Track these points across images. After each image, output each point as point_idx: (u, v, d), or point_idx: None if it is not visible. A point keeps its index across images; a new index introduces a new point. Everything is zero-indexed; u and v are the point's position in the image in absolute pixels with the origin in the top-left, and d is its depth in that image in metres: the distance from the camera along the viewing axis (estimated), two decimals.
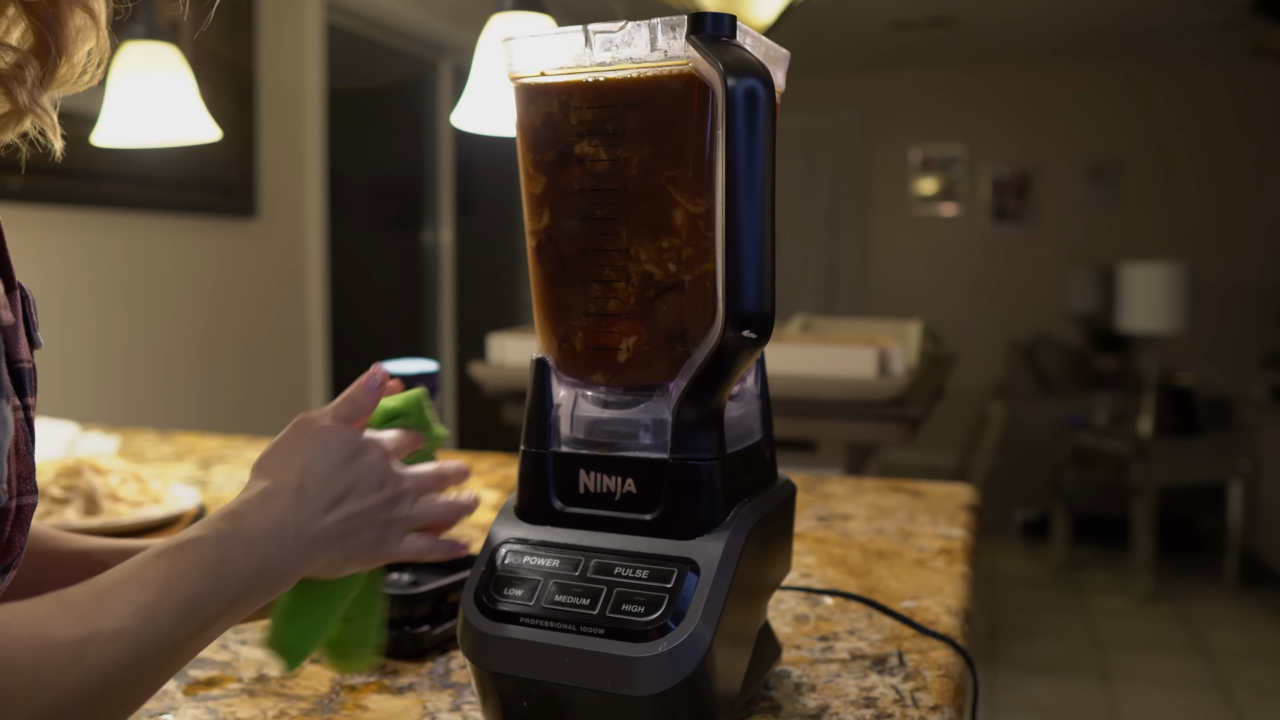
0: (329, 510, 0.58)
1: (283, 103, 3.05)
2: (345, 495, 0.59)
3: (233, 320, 2.91)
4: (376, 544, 0.60)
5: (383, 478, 0.61)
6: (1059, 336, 5.57)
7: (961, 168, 6.28)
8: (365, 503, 0.60)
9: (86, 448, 1.51)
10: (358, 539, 0.59)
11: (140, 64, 1.35)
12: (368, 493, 0.60)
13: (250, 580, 0.53)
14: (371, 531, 0.60)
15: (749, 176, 0.53)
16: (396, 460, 0.63)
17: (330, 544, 0.58)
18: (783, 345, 2.28)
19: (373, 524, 0.60)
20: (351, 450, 0.60)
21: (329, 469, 0.59)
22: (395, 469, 0.62)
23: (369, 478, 0.60)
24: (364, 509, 0.59)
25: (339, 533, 0.58)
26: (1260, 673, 3.17)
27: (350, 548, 0.59)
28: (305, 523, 0.56)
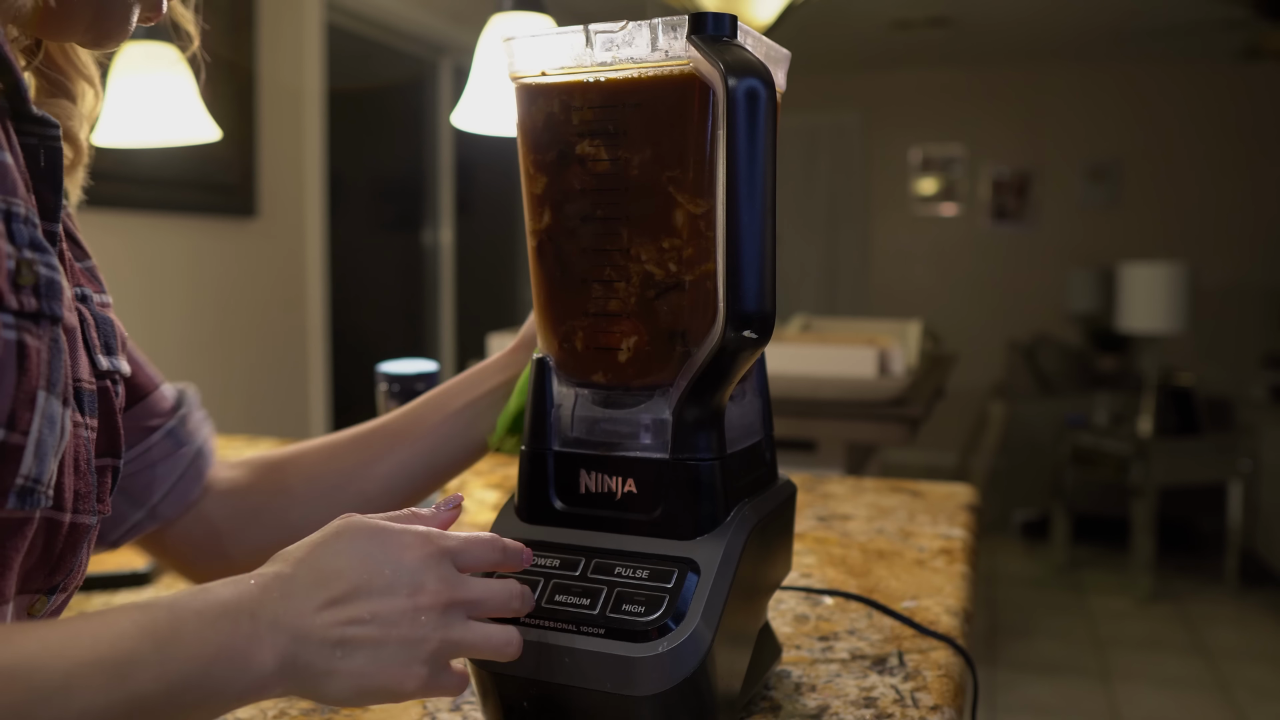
0: (325, 608, 0.48)
1: (283, 103, 3.05)
2: (352, 593, 0.48)
3: (232, 320, 2.91)
4: (369, 662, 0.48)
5: (419, 581, 0.50)
6: (1059, 336, 5.57)
7: (961, 168, 6.28)
8: (381, 606, 0.49)
9: None
10: (372, 653, 0.48)
11: (140, 64, 1.34)
12: (389, 595, 0.49)
13: (204, 664, 0.44)
14: (367, 642, 0.48)
15: (750, 176, 0.53)
16: (446, 567, 0.51)
17: (327, 651, 0.47)
18: (783, 345, 2.28)
19: (371, 633, 0.48)
20: (378, 543, 0.50)
21: (337, 559, 0.49)
22: (445, 572, 0.51)
23: (396, 578, 0.49)
24: (380, 614, 0.48)
25: (339, 638, 0.48)
26: (1260, 673, 3.17)
27: (361, 663, 0.48)
28: (286, 615, 0.47)
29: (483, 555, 0.54)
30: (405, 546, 0.50)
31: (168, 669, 0.43)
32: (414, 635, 0.49)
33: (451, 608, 0.51)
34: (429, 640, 0.50)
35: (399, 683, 0.49)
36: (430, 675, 0.50)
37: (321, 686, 0.48)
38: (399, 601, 0.49)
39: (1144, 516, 3.83)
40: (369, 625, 0.48)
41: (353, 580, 0.49)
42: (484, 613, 0.53)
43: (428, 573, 0.50)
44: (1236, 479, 3.89)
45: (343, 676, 0.48)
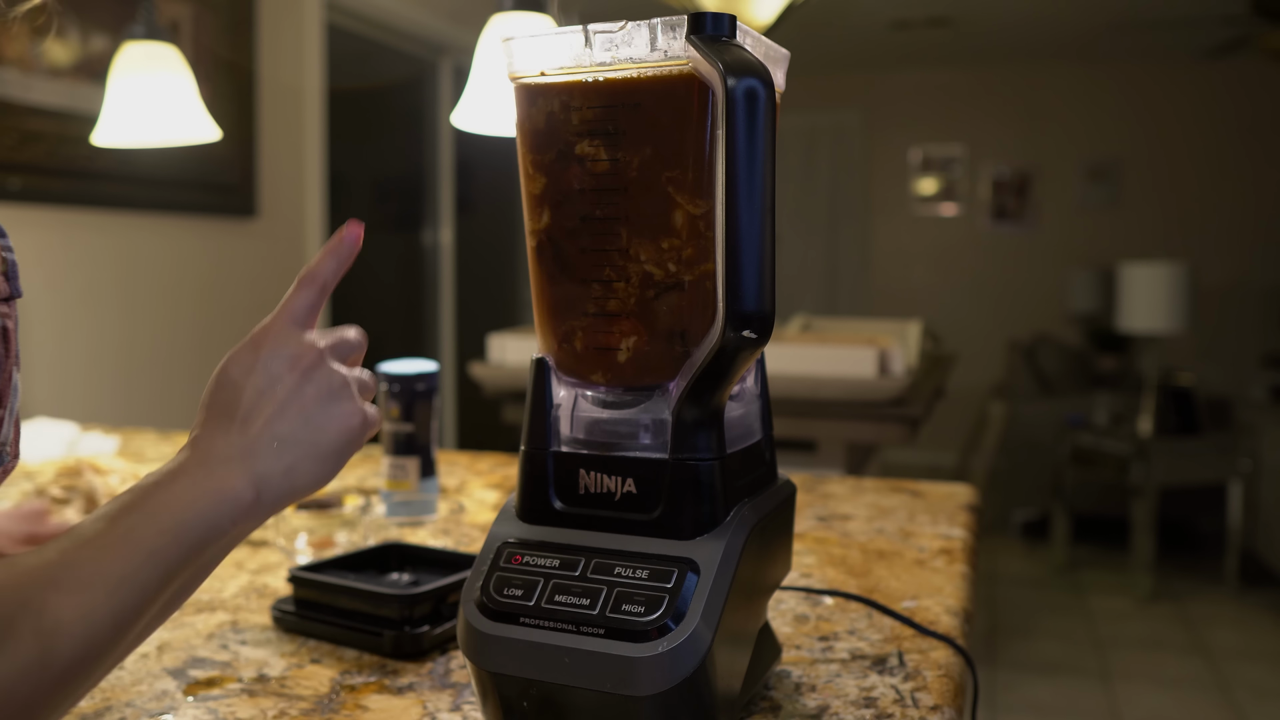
0: (245, 425, 0.52)
1: (283, 103, 3.05)
2: (254, 401, 0.53)
3: (233, 320, 2.91)
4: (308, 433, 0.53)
5: (288, 353, 0.54)
6: (1059, 336, 5.57)
7: (961, 168, 6.28)
8: (280, 391, 0.53)
9: (86, 448, 1.51)
10: (304, 423, 0.53)
11: (140, 64, 1.35)
12: (279, 381, 0.53)
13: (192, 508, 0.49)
14: (294, 423, 0.53)
15: (749, 177, 0.53)
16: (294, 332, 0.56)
17: (275, 450, 0.52)
18: (783, 345, 2.28)
19: (291, 415, 0.53)
20: (237, 360, 0.55)
21: (223, 391, 0.54)
22: (292, 346, 0.55)
23: (271, 367, 0.54)
24: (284, 397, 0.53)
25: (273, 435, 0.52)
26: (1260, 673, 3.17)
27: (309, 437, 0.53)
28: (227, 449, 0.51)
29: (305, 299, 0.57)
30: (254, 346, 0.55)
31: (164, 523, 0.47)
32: (323, 388, 0.54)
33: (326, 354, 0.55)
34: (335, 379, 0.55)
35: (346, 424, 0.54)
36: (363, 407, 0.55)
37: (294, 481, 0.52)
38: (289, 378, 0.53)
39: (1144, 516, 3.83)
40: (287, 411, 0.53)
41: (246, 393, 0.53)
42: (348, 351, 0.57)
43: (287, 344, 0.54)
44: (1236, 479, 3.89)
45: (303, 461, 0.52)
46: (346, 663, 0.76)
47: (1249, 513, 3.93)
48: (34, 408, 2.25)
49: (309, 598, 0.81)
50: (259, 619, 0.85)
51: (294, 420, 0.53)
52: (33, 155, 2.24)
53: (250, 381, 0.53)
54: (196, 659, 0.76)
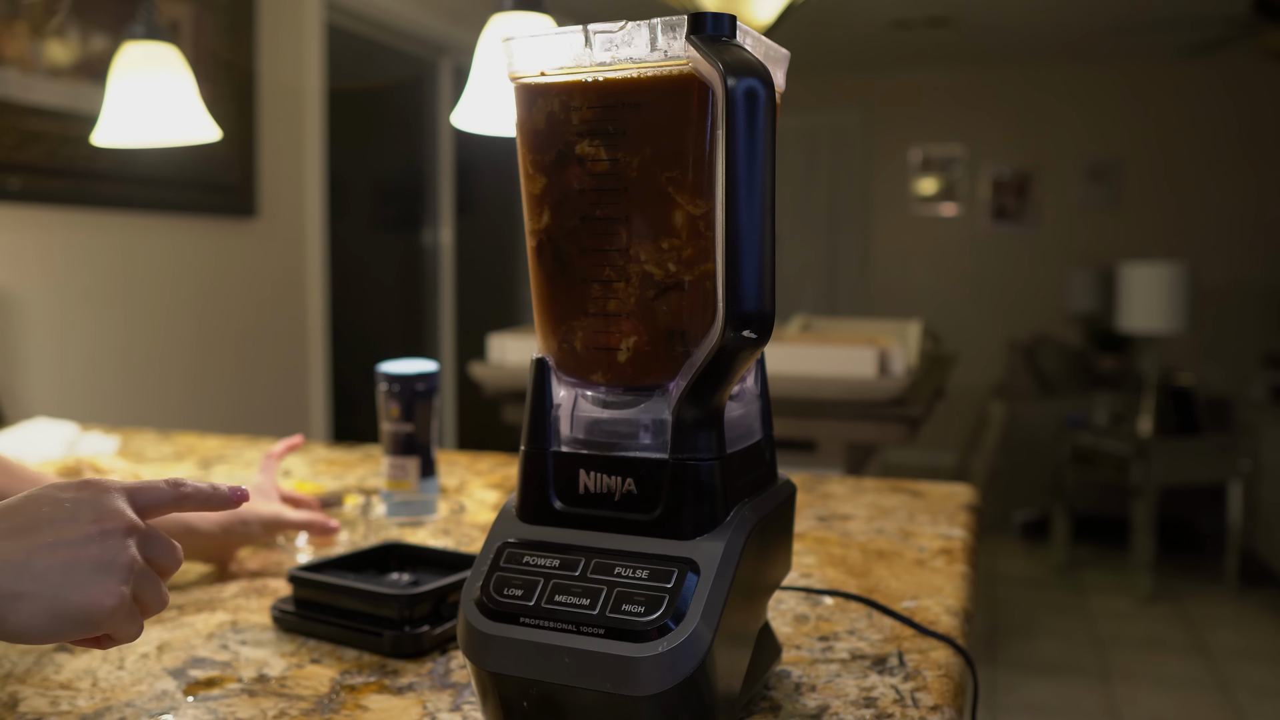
0: (5, 538, 0.49)
1: (283, 103, 3.05)
2: (34, 523, 0.49)
3: (233, 320, 2.91)
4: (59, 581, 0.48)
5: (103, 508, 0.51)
6: (1059, 336, 5.57)
7: (961, 168, 6.28)
8: (66, 532, 0.49)
9: (86, 448, 1.51)
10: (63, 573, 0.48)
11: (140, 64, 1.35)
12: (73, 522, 0.50)
13: None
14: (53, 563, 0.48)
15: (749, 177, 0.53)
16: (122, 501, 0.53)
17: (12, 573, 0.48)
18: (783, 345, 2.28)
19: (59, 556, 0.49)
20: (53, 487, 0.52)
21: (16, 501, 0.51)
22: (113, 507, 0.52)
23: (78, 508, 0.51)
24: (65, 539, 0.49)
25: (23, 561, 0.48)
26: (1260, 673, 3.17)
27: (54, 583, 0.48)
28: None
29: (159, 493, 0.55)
30: (83, 485, 0.52)
31: None
32: (106, 556, 0.50)
33: (134, 532, 0.52)
34: (122, 557, 0.50)
35: (97, 601, 0.49)
36: (129, 598, 0.50)
37: (13, 614, 0.47)
38: (85, 527, 0.50)
39: (1144, 516, 3.83)
40: (57, 550, 0.49)
41: (33, 513, 0.50)
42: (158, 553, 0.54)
43: (108, 503, 0.52)
44: (1236, 479, 3.89)
45: (34, 598, 0.48)
46: (346, 663, 0.76)
47: (1249, 513, 3.93)
48: (34, 408, 2.25)
49: (309, 598, 0.81)
50: (259, 619, 0.85)
51: (56, 561, 0.49)
52: (33, 155, 2.24)
53: (55, 507, 0.50)
54: (196, 659, 0.76)
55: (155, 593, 0.53)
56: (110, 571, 0.50)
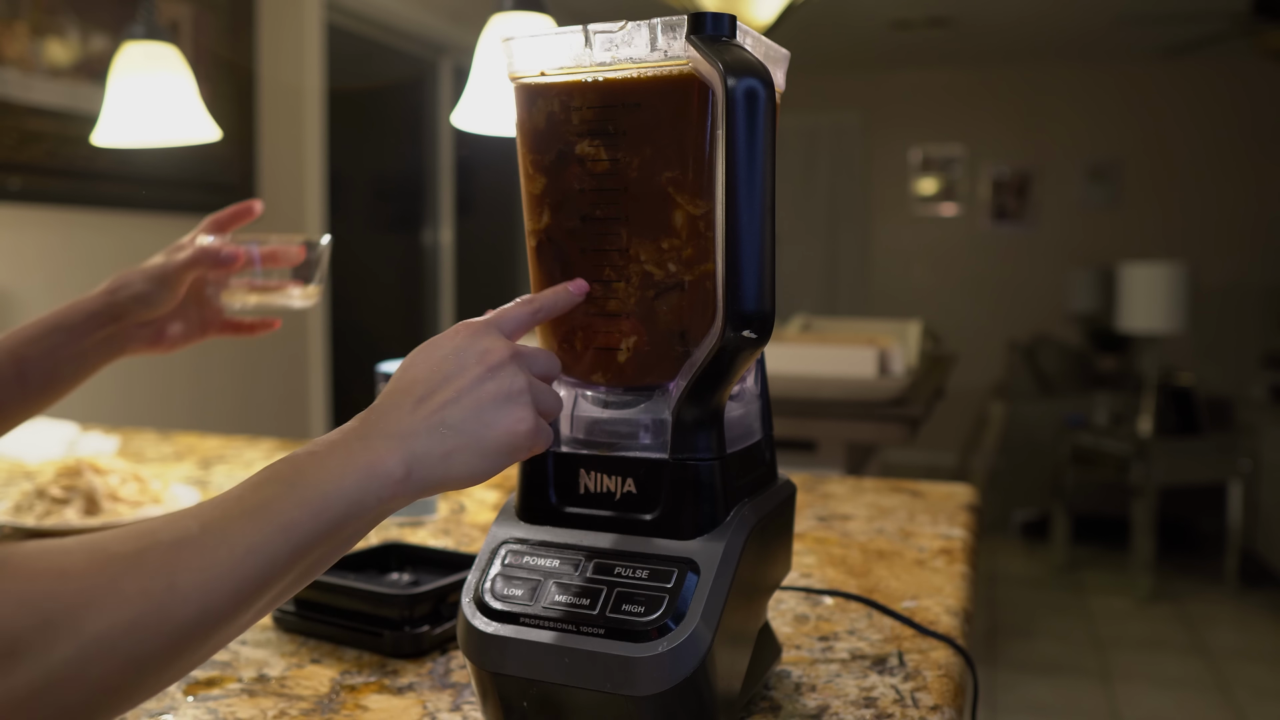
0: (418, 406, 0.53)
1: (283, 103, 3.05)
2: (434, 387, 0.53)
3: None
4: (476, 425, 0.53)
5: (482, 347, 0.55)
6: (1059, 336, 5.57)
7: (961, 168, 6.28)
8: (462, 381, 0.54)
9: (86, 448, 1.51)
10: (476, 417, 0.53)
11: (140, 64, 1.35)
12: (463, 372, 0.54)
13: (337, 482, 0.48)
14: (465, 412, 0.53)
15: (749, 177, 0.53)
16: (494, 332, 0.56)
17: (438, 436, 0.52)
18: (783, 345, 2.28)
19: (466, 405, 0.53)
20: (430, 346, 0.56)
21: (407, 373, 0.55)
22: (488, 342, 0.56)
23: (460, 357, 0.54)
24: (464, 387, 0.53)
25: (440, 421, 0.52)
26: (1260, 673, 3.17)
27: (474, 430, 0.53)
28: (389, 425, 0.52)
29: (519, 313, 0.59)
30: (453, 334, 0.56)
31: (305, 495, 0.47)
32: (503, 387, 0.54)
33: (517, 358, 0.55)
34: (517, 383, 0.55)
35: (513, 429, 0.54)
36: (535, 418, 0.55)
37: (450, 468, 0.52)
38: (474, 370, 0.54)
39: (1144, 516, 3.83)
40: (462, 400, 0.53)
41: (428, 379, 0.54)
42: (539, 368, 0.57)
43: (484, 339, 0.55)
44: (1236, 479, 3.89)
45: (463, 451, 0.52)
46: (346, 663, 0.76)
47: (1249, 513, 3.93)
48: None
49: (309, 598, 0.81)
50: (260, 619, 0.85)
51: (466, 410, 0.53)
52: (33, 155, 2.24)
53: (437, 365, 0.54)
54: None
55: (550, 400, 0.57)
56: (512, 400, 0.54)
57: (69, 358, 0.89)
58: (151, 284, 0.92)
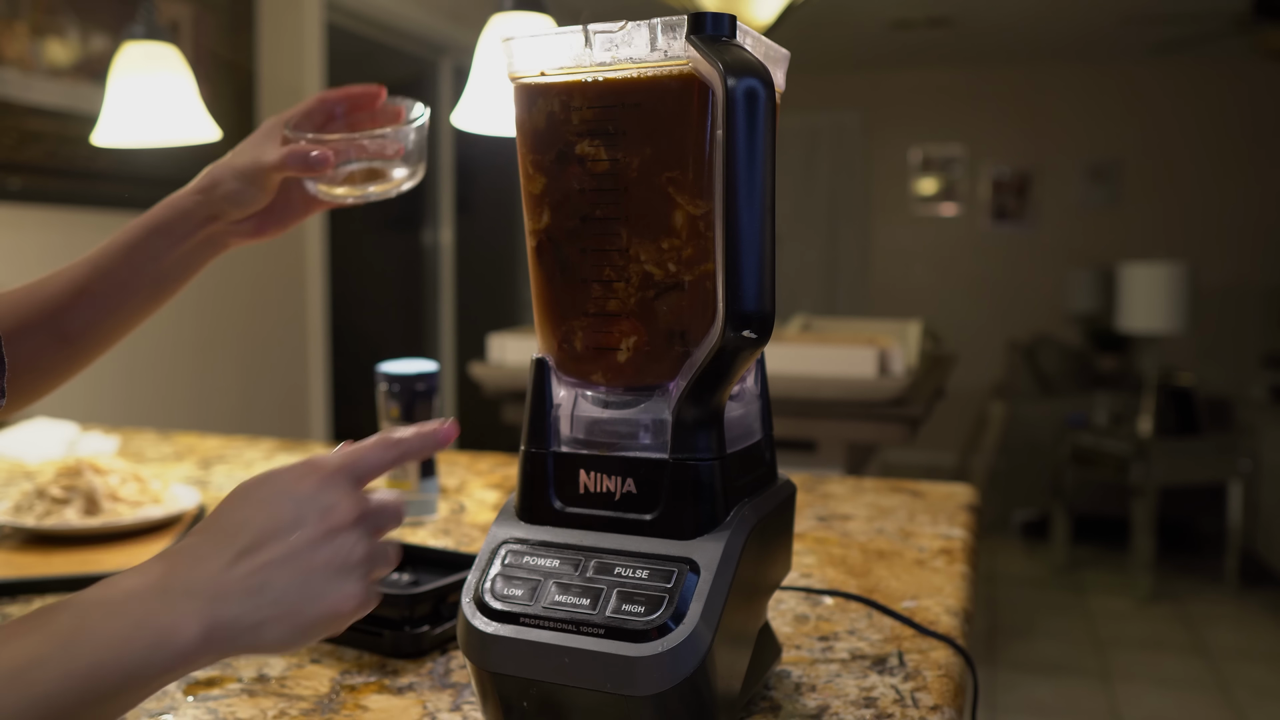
0: (237, 561, 0.46)
1: (283, 103, 3.05)
2: (261, 538, 0.47)
3: (233, 320, 2.91)
4: (298, 598, 0.47)
5: (325, 503, 0.49)
6: (1059, 336, 5.57)
7: (961, 168, 6.28)
8: (296, 540, 0.47)
9: (86, 448, 1.51)
10: (301, 587, 0.47)
11: (140, 64, 1.35)
12: (298, 527, 0.48)
13: (115, 650, 0.42)
14: (291, 579, 0.47)
15: (749, 177, 0.53)
16: (345, 484, 0.50)
17: (251, 601, 0.46)
18: (783, 345, 2.28)
19: (294, 570, 0.47)
20: (271, 485, 0.49)
21: (236, 513, 0.48)
22: (347, 489, 0.50)
23: (300, 509, 0.48)
24: (296, 548, 0.47)
25: (260, 584, 0.46)
26: (1260, 673, 3.17)
27: (294, 601, 0.47)
28: (198, 580, 0.45)
29: (377, 458, 0.53)
30: (299, 478, 0.50)
31: (74, 665, 0.41)
32: (339, 556, 0.48)
33: (362, 521, 0.50)
34: (355, 553, 0.49)
35: (337, 608, 0.48)
36: (365, 592, 0.49)
37: (259, 637, 0.46)
38: (312, 529, 0.48)
39: (1144, 516, 3.83)
40: (291, 563, 0.47)
41: (259, 526, 0.48)
42: (385, 523, 0.52)
43: (330, 493, 0.49)
44: (1236, 479, 3.89)
45: (278, 623, 0.47)
46: (346, 663, 0.76)
47: (1249, 513, 3.93)
48: (34, 408, 2.25)
49: None
50: None
51: (293, 576, 0.47)
52: (33, 155, 2.24)
53: (272, 511, 0.48)
54: None
55: (385, 562, 0.52)
56: (346, 573, 0.49)
57: (173, 261, 0.87)
58: (242, 182, 0.86)
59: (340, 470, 0.51)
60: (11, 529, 1.05)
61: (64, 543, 1.03)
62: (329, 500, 0.49)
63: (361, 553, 0.50)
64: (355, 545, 0.49)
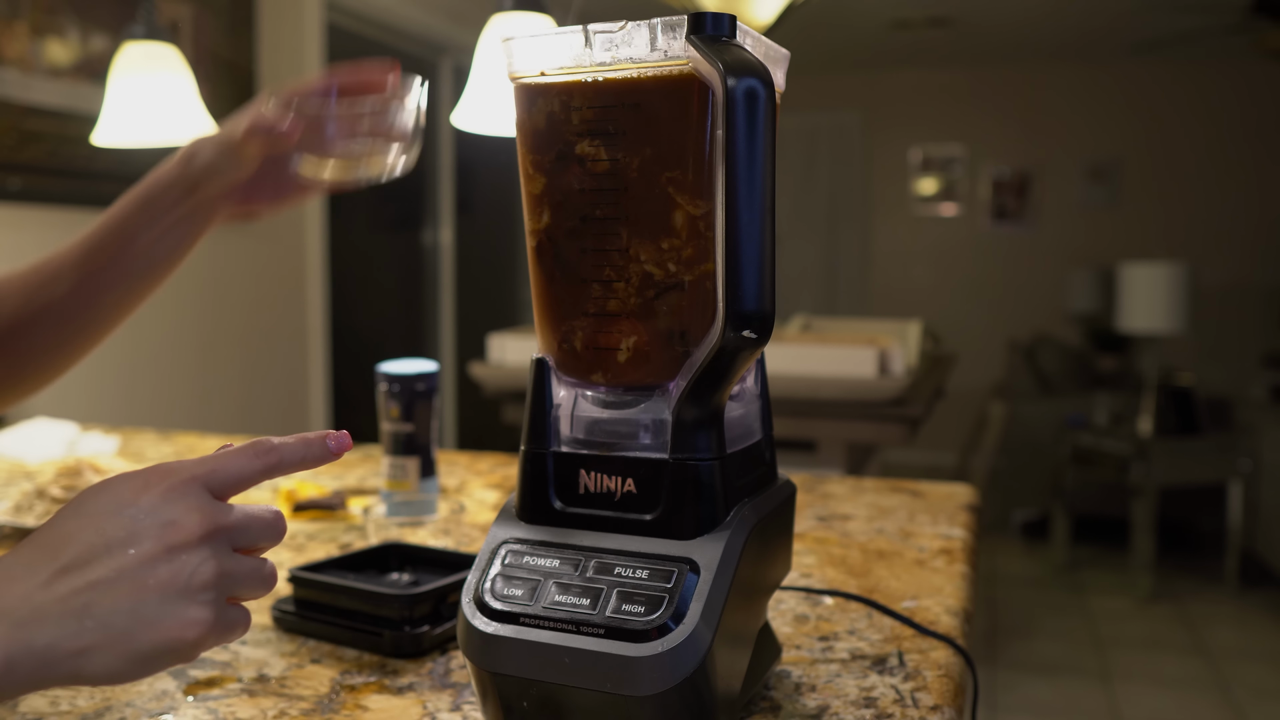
0: (56, 579, 0.41)
1: None
2: (87, 554, 0.41)
3: (233, 320, 2.91)
4: (129, 623, 0.41)
5: (168, 517, 0.43)
6: (1059, 336, 5.57)
7: (961, 168, 6.28)
8: (127, 559, 0.41)
9: (86, 448, 1.51)
10: (131, 612, 0.41)
11: (140, 64, 1.35)
12: (133, 543, 0.42)
13: None
14: (118, 602, 0.41)
15: (749, 177, 0.53)
16: (194, 496, 0.44)
17: (72, 625, 0.40)
18: (783, 345, 2.28)
19: (122, 592, 0.41)
20: (111, 492, 0.44)
21: (65, 523, 0.43)
22: (197, 501, 0.44)
23: (137, 522, 0.42)
24: (127, 567, 0.41)
25: (81, 606, 0.40)
26: (1260, 673, 3.17)
27: (123, 626, 0.41)
28: (5, 600, 0.40)
29: (241, 466, 0.46)
30: (144, 486, 0.44)
31: None
32: (179, 578, 0.42)
33: (213, 537, 0.44)
34: (197, 577, 0.42)
35: (178, 635, 0.42)
36: (216, 617, 0.43)
37: (81, 666, 0.41)
38: (146, 547, 0.42)
39: (1144, 516, 3.83)
40: (119, 584, 0.41)
41: (85, 539, 0.42)
42: (249, 540, 0.46)
43: (174, 505, 0.43)
44: (1236, 479, 3.89)
45: (103, 650, 0.41)
46: (346, 663, 0.76)
47: (1249, 513, 3.93)
48: (34, 408, 2.25)
49: (309, 598, 0.81)
50: (259, 619, 0.85)
51: (120, 599, 0.41)
52: (33, 155, 2.24)
53: (102, 524, 0.42)
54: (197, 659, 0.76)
55: (256, 583, 0.45)
56: (187, 596, 0.42)
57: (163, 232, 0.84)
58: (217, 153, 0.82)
59: (192, 480, 0.45)
60: (11, 529, 1.05)
61: None
62: (171, 514, 0.43)
63: (209, 573, 0.43)
64: (201, 565, 0.43)
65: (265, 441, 0.47)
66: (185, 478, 0.44)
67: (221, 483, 0.45)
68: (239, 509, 0.46)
